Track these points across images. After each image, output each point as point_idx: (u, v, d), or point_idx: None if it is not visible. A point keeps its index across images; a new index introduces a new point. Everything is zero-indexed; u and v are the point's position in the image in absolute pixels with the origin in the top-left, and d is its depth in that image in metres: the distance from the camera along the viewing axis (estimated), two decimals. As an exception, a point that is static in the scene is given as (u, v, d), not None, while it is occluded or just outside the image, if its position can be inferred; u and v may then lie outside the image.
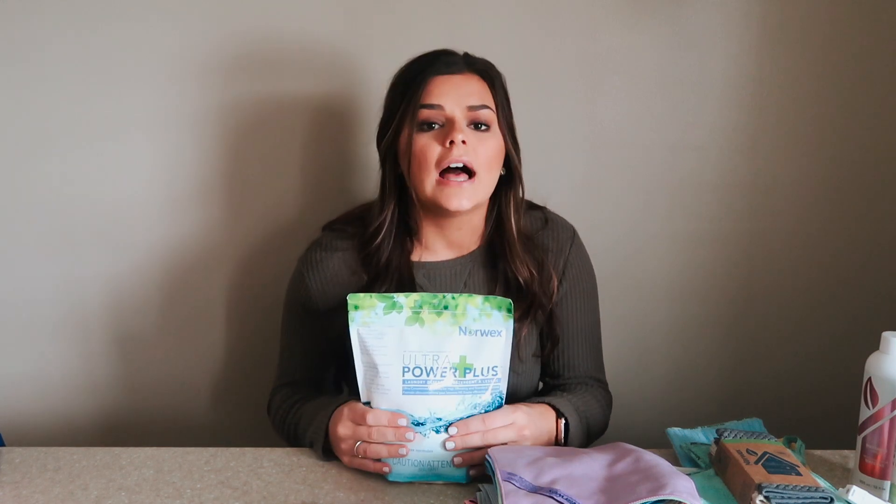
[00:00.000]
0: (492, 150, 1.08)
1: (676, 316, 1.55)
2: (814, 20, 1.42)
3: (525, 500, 0.82)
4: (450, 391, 0.96)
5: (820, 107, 1.46)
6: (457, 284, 1.16)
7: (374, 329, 0.97)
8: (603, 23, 1.41)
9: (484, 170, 1.07)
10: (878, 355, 0.95)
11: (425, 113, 1.06)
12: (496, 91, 1.10)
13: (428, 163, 1.06)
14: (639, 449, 0.94)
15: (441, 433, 0.96)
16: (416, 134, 1.07)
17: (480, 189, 1.08)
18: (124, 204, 1.45)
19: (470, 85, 1.08)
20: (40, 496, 0.96)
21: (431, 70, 1.08)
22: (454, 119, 1.06)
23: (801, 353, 1.57)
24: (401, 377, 0.95)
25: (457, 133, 1.04)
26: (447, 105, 1.06)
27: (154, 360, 1.52)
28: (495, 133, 1.09)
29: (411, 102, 1.07)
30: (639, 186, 1.49)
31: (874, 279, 1.53)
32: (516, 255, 1.13)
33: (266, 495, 0.96)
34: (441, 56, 1.10)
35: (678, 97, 1.45)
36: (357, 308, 0.97)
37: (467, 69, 1.09)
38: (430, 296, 0.98)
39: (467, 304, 0.98)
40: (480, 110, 1.07)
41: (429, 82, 1.07)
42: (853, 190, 1.50)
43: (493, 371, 0.98)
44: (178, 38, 1.38)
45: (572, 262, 1.19)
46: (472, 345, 0.97)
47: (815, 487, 0.86)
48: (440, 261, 1.16)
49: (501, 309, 0.99)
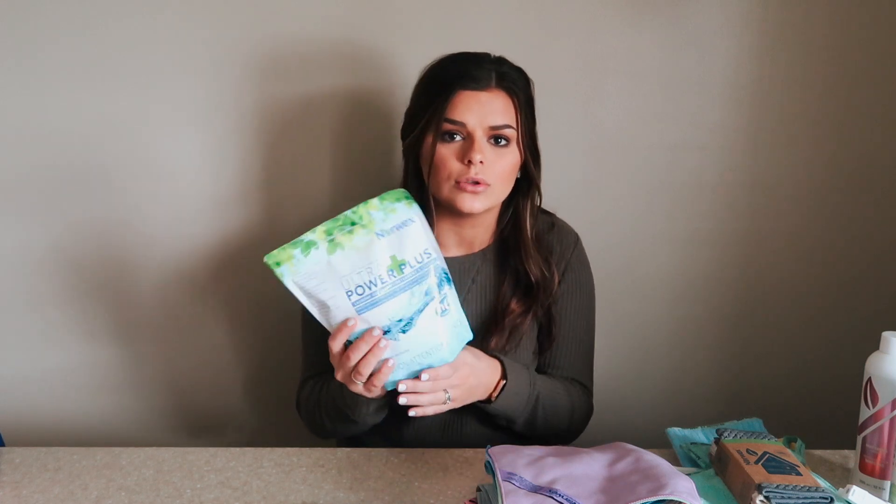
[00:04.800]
0: (509, 164, 1.12)
1: (676, 315, 1.55)
2: (814, 20, 1.42)
3: (525, 499, 0.82)
4: (397, 292, 0.97)
5: (820, 107, 1.46)
6: (465, 282, 1.19)
7: (304, 272, 0.97)
8: (603, 23, 1.41)
9: (499, 181, 1.11)
10: (878, 355, 0.95)
11: (448, 126, 1.09)
12: (520, 107, 1.12)
13: (446, 173, 1.10)
14: (639, 449, 0.94)
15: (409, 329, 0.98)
16: (439, 143, 1.10)
17: (494, 196, 1.13)
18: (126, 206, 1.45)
19: (495, 103, 1.09)
20: (40, 496, 0.96)
21: (459, 83, 1.09)
22: (475, 137, 1.08)
23: (801, 353, 1.57)
24: (349, 302, 0.97)
25: (475, 153, 1.07)
26: (470, 122, 1.08)
27: (155, 360, 1.52)
28: (514, 148, 1.12)
29: (436, 113, 1.09)
30: (639, 186, 1.49)
31: (874, 279, 1.53)
32: (530, 256, 1.17)
33: (266, 495, 0.96)
34: (471, 67, 1.10)
35: (679, 97, 1.45)
36: (279, 264, 0.97)
37: (495, 84, 1.10)
38: (332, 221, 0.99)
39: (369, 211, 1.00)
40: (502, 129, 1.10)
41: (455, 96, 1.08)
42: (854, 190, 1.49)
43: (426, 254, 1.00)
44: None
45: (573, 266, 1.23)
46: (394, 242, 0.99)
47: (815, 487, 0.86)
48: (450, 257, 1.19)
49: (400, 200, 1.02)
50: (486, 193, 1.10)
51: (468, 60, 1.12)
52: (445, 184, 1.10)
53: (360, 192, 1.39)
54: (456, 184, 1.10)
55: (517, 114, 1.11)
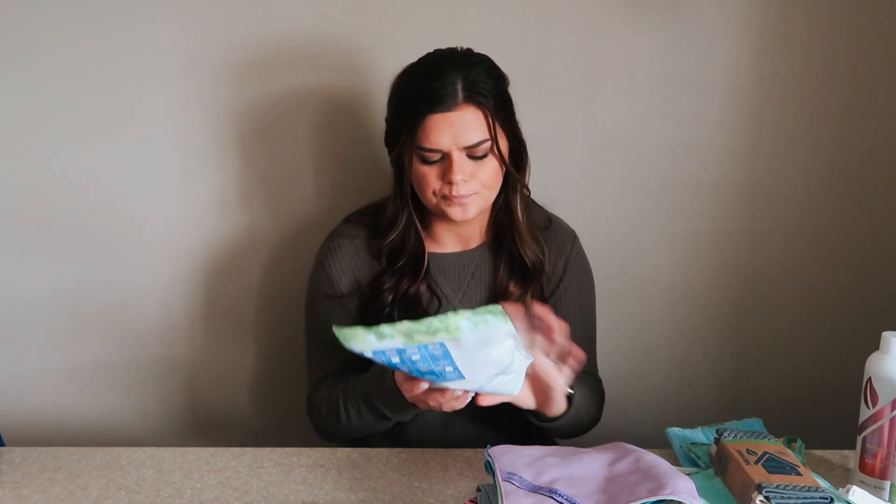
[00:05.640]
0: (491, 171, 1.11)
1: (677, 316, 1.55)
2: (814, 20, 1.42)
3: (525, 499, 0.82)
4: None
5: (820, 107, 1.46)
6: (465, 276, 1.21)
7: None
8: (603, 23, 1.41)
9: (484, 189, 1.12)
10: (878, 355, 0.95)
11: (423, 153, 1.09)
12: (493, 115, 1.09)
13: (431, 190, 1.11)
14: (639, 449, 0.94)
15: None
16: (419, 164, 1.10)
17: (483, 201, 1.13)
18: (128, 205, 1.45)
19: (465, 121, 1.07)
20: (40, 496, 0.96)
21: (425, 107, 1.06)
22: (452, 157, 1.08)
23: (801, 353, 1.56)
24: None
25: (455, 174, 1.08)
26: (444, 145, 1.07)
27: (156, 360, 1.52)
28: (493, 156, 1.11)
29: (409, 138, 1.09)
30: (639, 187, 1.49)
31: (874, 279, 1.53)
32: (524, 241, 1.18)
33: (266, 495, 0.96)
34: (435, 86, 1.06)
35: (679, 97, 1.45)
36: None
37: (463, 100, 1.07)
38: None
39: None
40: (477, 146, 1.08)
41: (424, 121, 1.07)
42: (854, 190, 1.49)
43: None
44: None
45: (573, 262, 1.24)
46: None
47: (815, 487, 0.86)
48: (449, 252, 1.21)
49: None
50: (473, 202, 1.11)
51: (431, 77, 1.07)
52: (433, 198, 1.11)
53: (360, 192, 1.41)
54: (443, 198, 1.10)
55: (490, 124, 1.08)
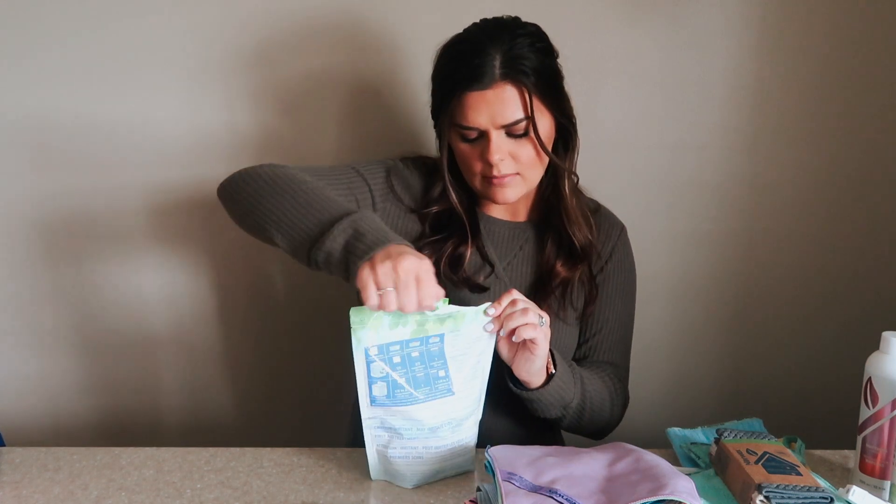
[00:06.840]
0: (532, 151, 1.09)
1: (676, 315, 1.55)
2: (814, 20, 1.42)
3: (525, 499, 0.82)
4: None
5: (820, 107, 1.46)
6: (513, 248, 1.19)
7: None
8: (603, 23, 1.41)
9: (527, 168, 1.10)
10: (878, 355, 0.95)
11: (462, 131, 1.08)
12: (534, 91, 1.06)
13: (472, 170, 1.10)
14: (639, 449, 0.94)
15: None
16: (460, 142, 1.10)
17: (527, 182, 1.12)
18: (125, 204, 1.45)
19: (502, 99, 1.05)
20: (40, 496, 0.96)
21: (462, 84, 1.05)
22: (490, 136, 1.06)
23: (801, 353, 1.57)
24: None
25: (493, 154, 1.06)
26: (481, 124, 1.06)
27: (156, 361, 1.52)
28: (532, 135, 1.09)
29: (448, 116, 1.09)
30: (639, 186, 1.49)
31: (874, 279, 1.53)
32: (573, 221, 1.16)
33: (266, 495, 0.96)
34: (473, 63, 1.04)
35: (678, 97, 1.45)
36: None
37: (500, 78, 1.04)
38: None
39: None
40: (515, 125, 1.06)
41: (463, 100, 1.05)
42: (853, 190, 1.49)
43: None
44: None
45: (618, 250, 1.24)
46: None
47: (815, 487, 0.86)
48: (500, 219, 1.20)
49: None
50: (516, 183, 1.10)
51: (470, 53, 1.05)
52: (475, 178, 1.11)
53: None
54: (485, 178, 1.09)
55: (528, 102, 1.05)
